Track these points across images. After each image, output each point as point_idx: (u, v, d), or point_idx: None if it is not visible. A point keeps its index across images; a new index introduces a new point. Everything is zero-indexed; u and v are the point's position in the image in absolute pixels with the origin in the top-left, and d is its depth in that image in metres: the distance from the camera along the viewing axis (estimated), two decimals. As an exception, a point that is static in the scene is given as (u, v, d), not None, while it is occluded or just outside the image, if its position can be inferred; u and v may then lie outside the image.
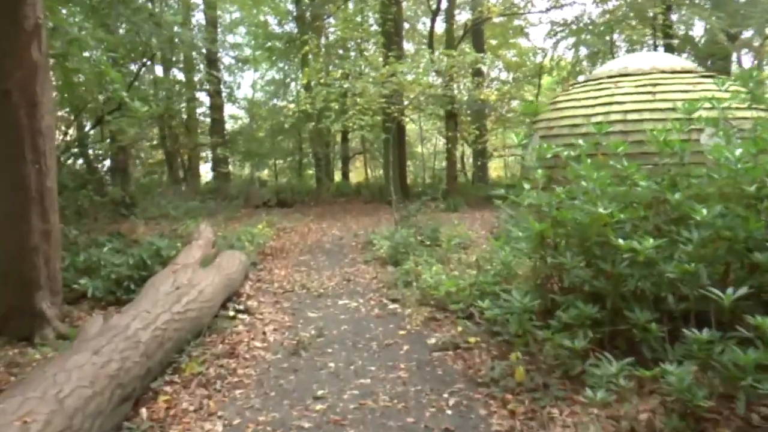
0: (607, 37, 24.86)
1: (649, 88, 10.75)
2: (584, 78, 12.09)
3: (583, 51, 26.52)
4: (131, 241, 12.08)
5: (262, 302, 7.96)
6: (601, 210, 5.33)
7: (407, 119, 26.71)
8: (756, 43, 22.56)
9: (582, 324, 5.24)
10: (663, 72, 11.10)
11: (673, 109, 10.72)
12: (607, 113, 10.76)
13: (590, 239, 5.74)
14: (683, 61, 11.73)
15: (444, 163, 38.18)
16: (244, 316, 7.24)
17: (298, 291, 8.61)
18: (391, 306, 7.70)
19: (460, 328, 6.58)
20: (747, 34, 21.65)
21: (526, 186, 6.95)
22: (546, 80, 29.20)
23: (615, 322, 5.29)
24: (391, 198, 20.22)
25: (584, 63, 27.17)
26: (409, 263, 9.26)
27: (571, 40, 25.82)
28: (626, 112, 10.58)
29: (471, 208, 18.13)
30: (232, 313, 7.25)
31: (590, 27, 24.81)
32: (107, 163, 19.53)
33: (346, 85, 15.43)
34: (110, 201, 18.16)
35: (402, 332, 6.64)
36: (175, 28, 14.77)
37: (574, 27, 25.38)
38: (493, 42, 29.18)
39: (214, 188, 25.12)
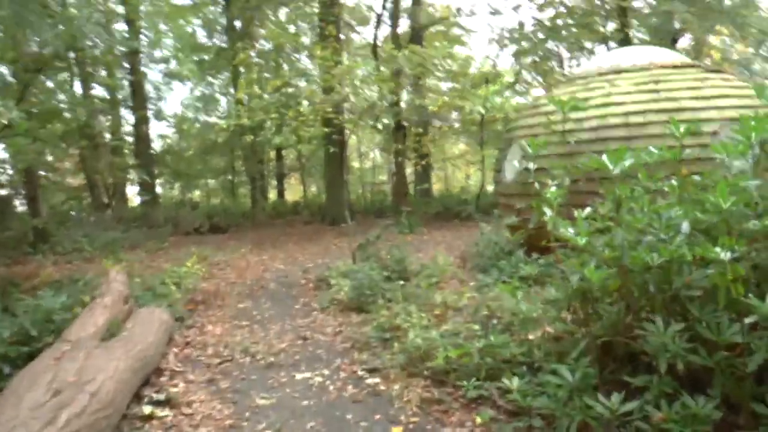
0: (554, 44, 23.38)
1: (652, 86, 8.94)
2: (567, 76, 10.24)
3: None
4: (30, 288, 9.60)
5: (190, 383, 5.65)
6: (721, 255, 3.36)
7: (350, 132, 24.62)
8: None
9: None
10: (663, 67, 9.30)
11: (682, 109, 9.00)
12: (604, 116, 8.92)
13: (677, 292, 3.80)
14: (681, 56, 9.97)
15: (381, 178, 36.55)
16: (165, 413, 4.94)
17: (240, 359, 6.32)
18: (370, 380, 5.52)
19: (479, 419, 4.49)
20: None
21: (548, 211, 4.87)
22: (488, 89, 27.48)
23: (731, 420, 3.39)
24: (346, 223, 18.05)
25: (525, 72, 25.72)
26: (382, 311, 7.14)
27: (513, 48, 24.35)
28: (627, 114, 8.74)
29: (429, 228, 16.10)
30: (147, 410, 4.93)
31: (533, 35, 23.34)
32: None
33: (290, 90, 13.21)
34: (13, 236, 15.46)
35: (396, 429, 4.50)
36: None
37: (515, 35, 23.94)
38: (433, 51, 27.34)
39: (141, 214, 22.36)
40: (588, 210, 4.58)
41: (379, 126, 19.35)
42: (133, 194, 29.62)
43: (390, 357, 5.87)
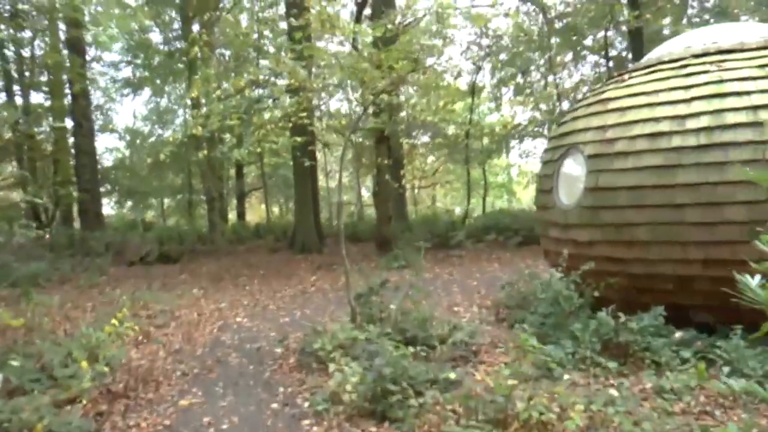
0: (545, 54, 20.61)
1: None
2: (645, 61, 7.19)
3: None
4: None
5: None
6: None
7: (323, 144, 21.43)
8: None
9: None
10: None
11: None
12: (719, 111, 5.91)
13: None
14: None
15: (346, 197, 33.16)
16: None
17: None
18: None
19: None
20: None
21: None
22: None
23: None
24: (320, 252, 14.89)
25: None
26: (417, 420, 3.96)
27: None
28: (755, 108, 5.75)
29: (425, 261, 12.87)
30: None
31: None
32: None
33: (257, 91, 10.04)
34: None
35: None
36: None
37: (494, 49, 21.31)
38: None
39: (80, 238, 18.64)
40: None
41: (358, 138, 16.17)
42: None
43: None
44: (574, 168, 6.99)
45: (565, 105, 20.33)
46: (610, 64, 19.25)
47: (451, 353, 6.08)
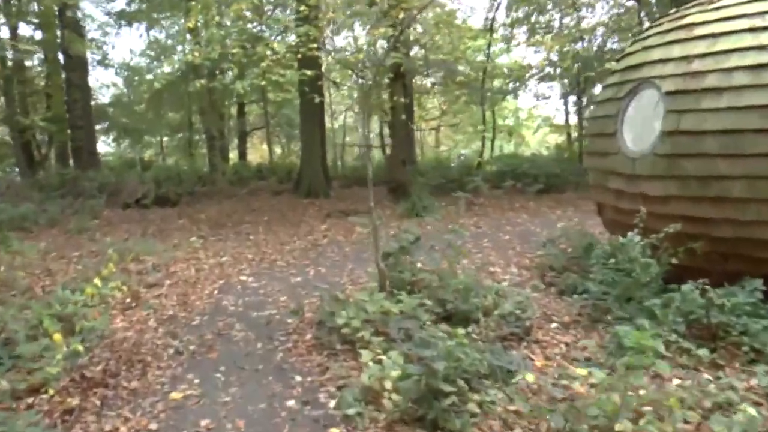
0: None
1: None
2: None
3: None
4: None
5: None
6: None
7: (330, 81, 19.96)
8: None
9: None
10: None
11: None
12: None
13: None
14: None
15: (348, 139, 31.58)
16: None
17: None
18: None
19: None
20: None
21: None
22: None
23: None
24: (327, 196, 13.74)
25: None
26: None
27: None
28: None
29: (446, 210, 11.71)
30: None
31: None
32: None
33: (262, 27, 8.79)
34: None
35: None
36: None
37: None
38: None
39: (72, 178, 17.39)
40: None
41: (368, 76, 14.77)
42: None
43: None
44: (645, 107, 5.73)
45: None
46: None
47: (499, 329, 4.96)
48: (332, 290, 5.69)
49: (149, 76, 24.90)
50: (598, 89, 22.49)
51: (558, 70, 21.05)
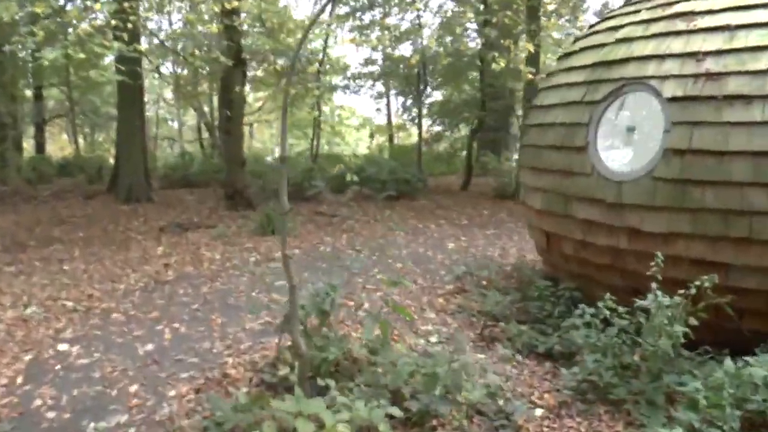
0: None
1: None
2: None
3: None
4: None
5: None
6: None
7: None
8: None
9: None
10: None
11: None
12: None
13: None
14: None
15: (162, 131, 28.22)
16: None
17: None
18: None
19: None
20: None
21: None
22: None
23: None
24: (151, 200, 11.36)
25: None
26: None
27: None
28: None
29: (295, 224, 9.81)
30: None
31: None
32: None
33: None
34: None
35: None
36: None
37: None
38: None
39: None
40: None
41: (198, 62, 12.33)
42: None
43: None
44: (635, 116, 4.35)
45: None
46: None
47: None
48: (205, 365, 3.61)
49: None
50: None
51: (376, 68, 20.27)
